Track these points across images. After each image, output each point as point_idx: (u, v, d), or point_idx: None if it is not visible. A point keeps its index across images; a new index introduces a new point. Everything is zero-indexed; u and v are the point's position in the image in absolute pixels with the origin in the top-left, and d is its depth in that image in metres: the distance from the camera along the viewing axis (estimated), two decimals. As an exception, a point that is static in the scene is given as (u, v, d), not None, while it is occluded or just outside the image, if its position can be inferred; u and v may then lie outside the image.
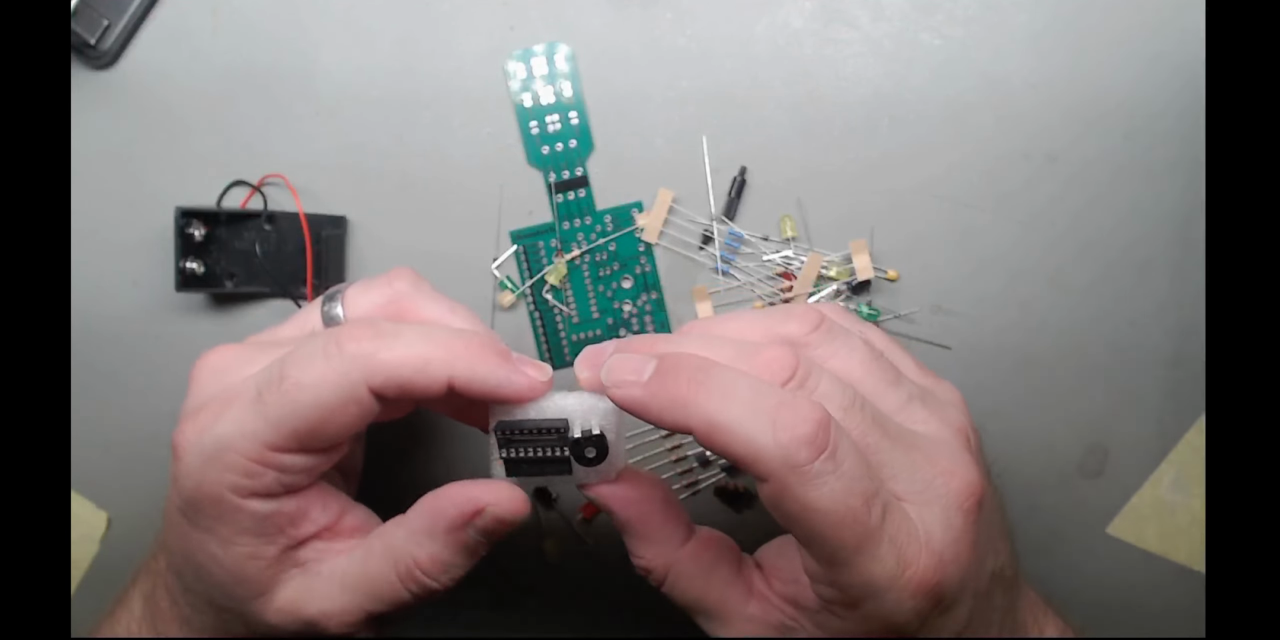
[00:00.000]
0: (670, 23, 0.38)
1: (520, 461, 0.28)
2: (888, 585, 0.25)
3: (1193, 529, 0.40)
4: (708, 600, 0.29)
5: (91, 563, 0.42)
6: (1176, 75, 0.38)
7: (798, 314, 0.28)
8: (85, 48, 0.38)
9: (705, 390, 0.25)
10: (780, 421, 0.24)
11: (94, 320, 0.40)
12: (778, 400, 0.24)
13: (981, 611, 0.28)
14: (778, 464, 0.24)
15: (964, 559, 0.26)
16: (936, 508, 0.26)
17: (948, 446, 0.27)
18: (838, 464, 0.24)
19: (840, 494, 0.24)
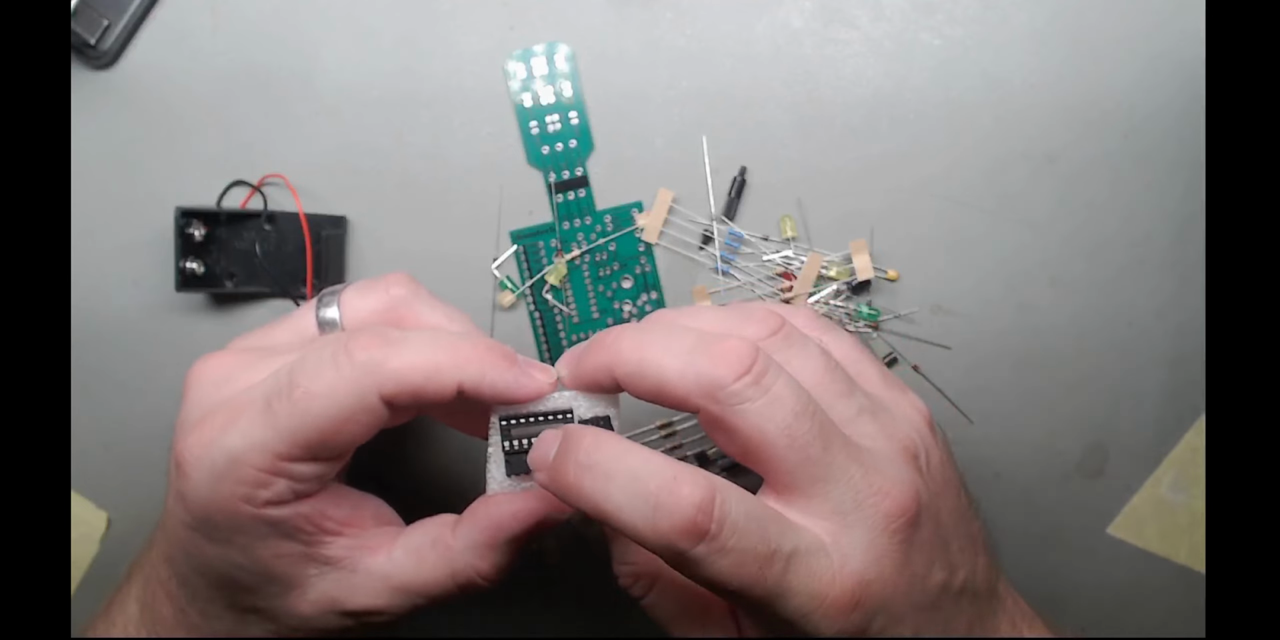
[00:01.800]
0: (670, 23, 0.38)
1: (523, 452, 0.28)
2: (803, 620, 0.25)
3: (1193, 529, 0.40)
4: (690, 613, 0.30)
5: (91, 563, 0.42)
6: (1176, 75, 0.38)
7: (758, 317, 0.28)
8: (85, 48, 0.38)
9: (589, 477, 0.25)
10: (659, 506, 0.24)
11: (94, 320, 0.40)
12: (657, 484, 0.24)
13: (936, 623, 0.28)
14: (661, 551, 0.24)
15: (889, 577, 0.26)
16: (861, 529, 0.26)
17: (890, 463, 0.27)
18: (722, 543, 0.24)
19: (730, 568, 0.24)
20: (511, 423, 0.28)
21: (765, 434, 0.25)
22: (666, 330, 0.27)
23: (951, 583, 0.28)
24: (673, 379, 0.26)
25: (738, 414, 0.25)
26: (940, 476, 0.29)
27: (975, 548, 0.30)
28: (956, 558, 0.29)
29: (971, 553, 0.30)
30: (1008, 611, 0.31)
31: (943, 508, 0.29)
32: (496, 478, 0.29)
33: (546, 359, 0.40)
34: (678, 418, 0.40)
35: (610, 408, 0.29)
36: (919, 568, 0.27)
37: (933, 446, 0.30)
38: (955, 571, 0.29)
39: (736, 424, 0.25)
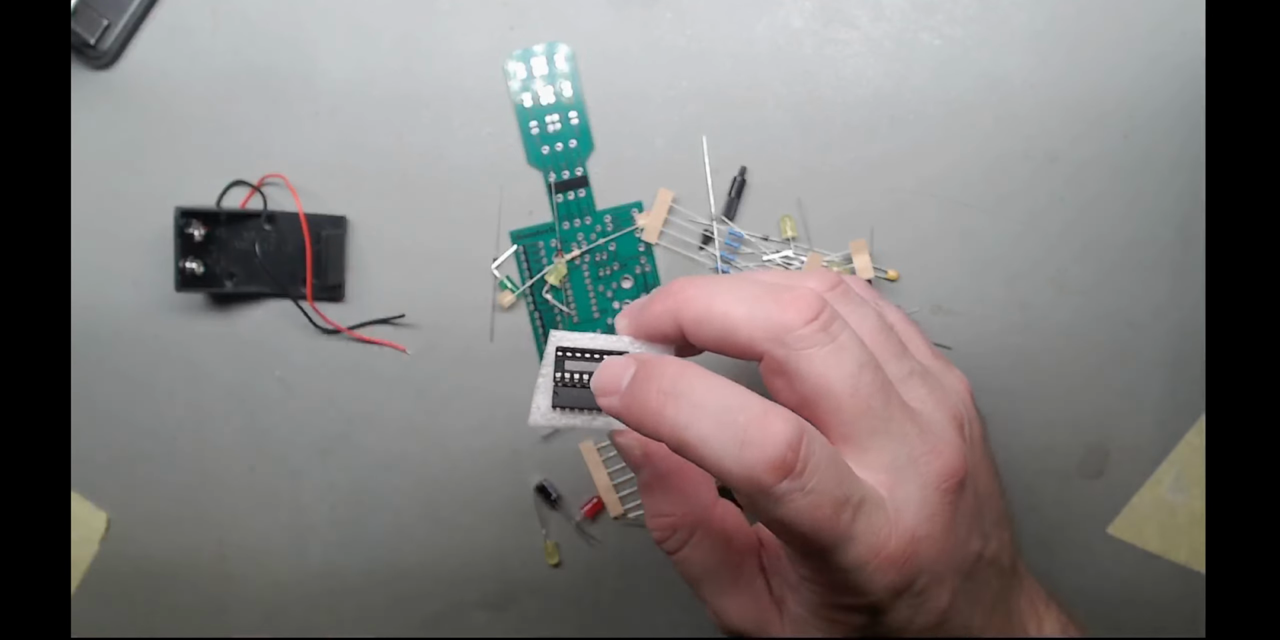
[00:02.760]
0: (670, 23, 0.38)
1: (572, 387, 0.28)
2: (858, 570, 0.25)
3: (1193, 529, 0.40)
4: (724, 567, 0.29)
5: (91, 563, 0.42)
6: (1176, 75, 0.38)
7: (816, 274, 0.29)
8: (85, 48, 0.38)
9: (674, 404, 0.24)
10: (748, 441, 0.24)
11: (94, 320, 0.40)
12: (747, 418, 0.24)
13: (969, 592, 0.28)
14: (744, 484, 0.24)
15: (938, 536, 0.26)
16: (914, 485, 0.26)
17: (939, 426, 0.27)
18: (805, 482, 0.24)
19: (808, 509, 0.24)
20: (568, 354, 0.28)
21: (830, 381, 0.25)
22: (732, 280, 0.27)
23: (985, 552, 0.29)
24: (740, 323, 0.26)
25: (804, 359, 0.25)
26: (980, 449, 0.30)
27: (1003, 523, 0.30)
28: (989, 529, 0.29)
29: (1000, 527, 0.30)
30: (1026, 590, 0.31)
31: (980, 479, 0.29)
32: (541, 408, 0.28)
33: (546, 359, 0.40)
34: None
35: None
36: (961, 532, 0.27)
37: (975, 419, 0.30)
38: (988, 542, 0.29)
39: (802, 369, 0.25)
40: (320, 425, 0.41)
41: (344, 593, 0.42)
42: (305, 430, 0.41)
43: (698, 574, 0.30)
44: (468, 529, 0.41)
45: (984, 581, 0.29)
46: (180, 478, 0.41)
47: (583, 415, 0.28)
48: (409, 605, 0.42)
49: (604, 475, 0.40)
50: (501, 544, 0.41)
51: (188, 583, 0.42)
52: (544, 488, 0.41)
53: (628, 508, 0.41)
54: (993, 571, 0.29)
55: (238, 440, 0.41)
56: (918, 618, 0.27)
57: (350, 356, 0.40)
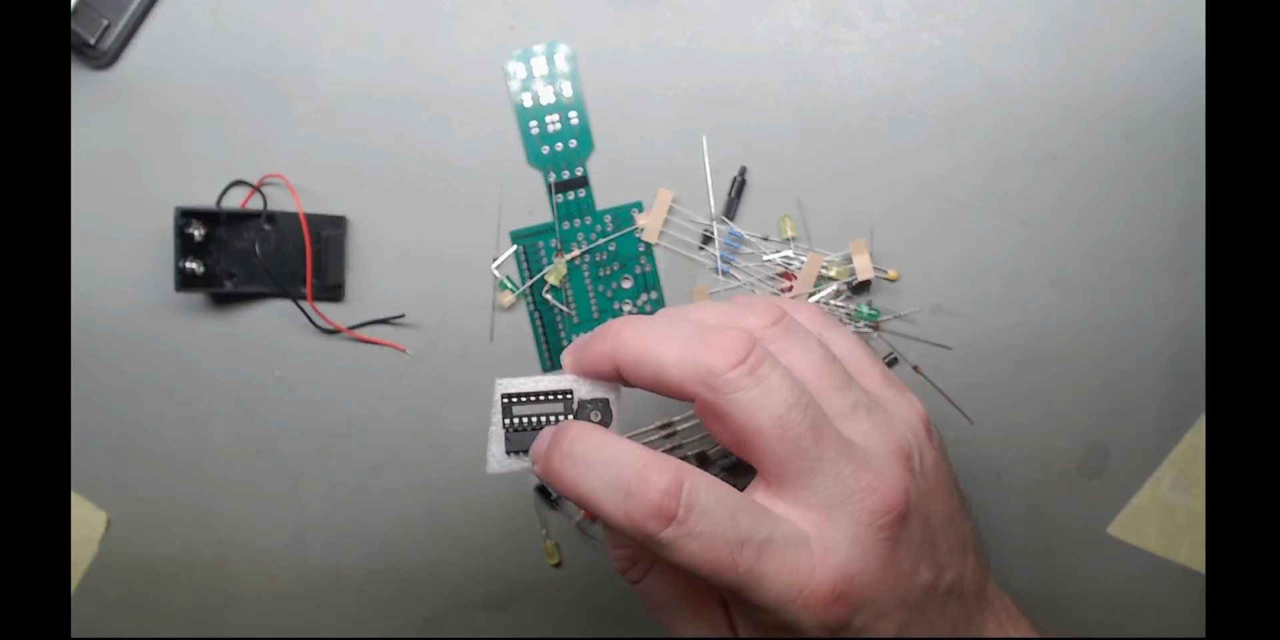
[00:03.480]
0: (670, 23, 0.38)
1: (523, 430, 0.29)
2: (783, 609, 0.25)
3: (1193, 529, 0.40)
4: (684, 601, 0.30)
5: (91, 563, 0.42)
6: (1176, 75, 0.38)
7: (759, 308, 0.29)
8: (85, 48, 0.38)
9: (570, 465, 0.26)
10: (629, 492, 0.25)
11: (94, 320, 0.40)
12: (629, 471, 0.25)
13: (921, 623, 0.28)
14: (633, 533, 0.25)
15: (873, 572, 0.26)
16: (847, 523, 0.26)
17: (881, 461, 0.27)
18: (690, 527, 0.25)
19: (700, 552, 0.25)
20: (513, 400, 0.29)
21: (757, 423, 0.26)
22: (667, 321, 0.28)
23: (939, 582, 0.28)
24: (670, 367, 0.26)
25: (731, 402, 0.26)
26: (933, 477, 0.29)
27: (965, 549, 0.30)
28: (945, 558, 0.29)
29: (960, 554, 0.30)
30: (995, 613, 0.31)
31: (933, 508, 0.29)
32: (496, 456, 0.29)
33: (546, 359, 0.40)
34: (678, 417, 0.40)
35: (610, 393, 0.29)
36: (905, 565, 0.27)
37: (927, 447, 0.30)
38: (943, 572, 0.29)
39: (730, 412, 0.26)
40: (320, 425, 0.41)
41: (344, 593, 0.42)
42: (305, 430, 0.41)
43: (658, 603, 0.30)
44: (468, 529, 0.41)
45: (940, 611, 0.29)
46: (180, 478, 0.41)
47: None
48: (409, 605, 0.42)
49: (604, 475, 0.40)
50: (501, 544, 0.41)
51: (188, 583, 0.42)
52: (544, 488, 0.41)
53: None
54: (952, 600, 0.29)
55: (238, 440, 0.41)
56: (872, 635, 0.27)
57: (350, 356, 0.40)
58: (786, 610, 0.25)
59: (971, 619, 0.30)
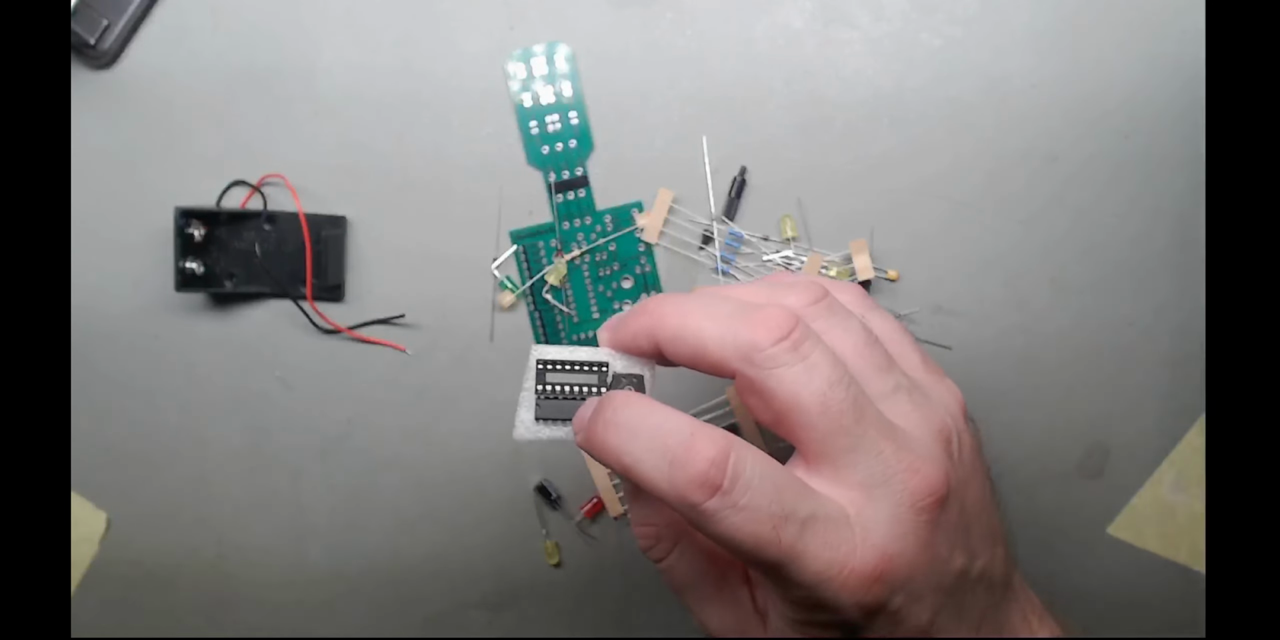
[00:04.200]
0: (670, 23, 0.38)
1: (555, 398, 0.29)
2: (821, 587, 0.25)
3: (1193, 529, 0.40)
4: (708, 578, 0.29)
5: (91, 563, 0.42)
6: (1176, 75, 0.38)
7: (800, 287, 0.29)
8: (85, 48, 0.38)
9: (615, 432, 0.26)
10: (675, 461, 0.25)
11: (94, 320, 0.40)
12: (675, 440, 0.25)
13: (953, 609, 0.28)
14: (676, 502, 0.25)
15: (913, 554, 0.26)
16: (888, 503, 0.26)
17: (921, 443, 0.27)
18: (735, 499, 0.24)
19: (744, 524, 0.24)
20: (547, 367, 0.29)
21: (799, 399, 0.25)
22: (708, 298, 0.27)
23: (971, 569, 0.28)
24: (711, 343, 0.26)
25: (773, 378, 0.26)
26: (970, 464, 0.29)
27: (995, 538, 0.30)
28: (977, 545, 0.29)
29: (991, 542, 0.30)
30: (1020, 604, 0.31)
31: (969, 495, 0.29)
32: (525, 421, 0.29)
33: (546, 359, 0.40)
34: (678, 418, 0.40)
35: (645, 369, 0.29)
36: (942, 550, 0.27)
37: (965, 433, 0.29)
38: (975, 558, 0.29)
39: (771, 388, 0.26)
40: (320, 425, 0.41)
41: (344, 593, 0.42)
42: (305, 430, 0.41)
43: (682, 583, 0.30)
44: (468, 529, 0.41)
45: (971, 598, 0.29)
46: (180, 478, 0.41)
47: (565, 427, 0.29)
48: (409, 605, 0.42)
49: (604, 475, 0.40)
50: (501, 544, 0.41)
51: (188, 583, 0.42)
52: (544, 488, 0.41)
53: (627, 508, 0.40)
54: (981, 587, 0.29)
55: (238, 440, 0.41)
56: (898, 632, 0.27)
57: (350, 356, 0.40)
58: (826, 588, 0.25)
59: (999, 608, 0.30)
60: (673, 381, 0.40)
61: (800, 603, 0.26)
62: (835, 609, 0.25)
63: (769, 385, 0.26)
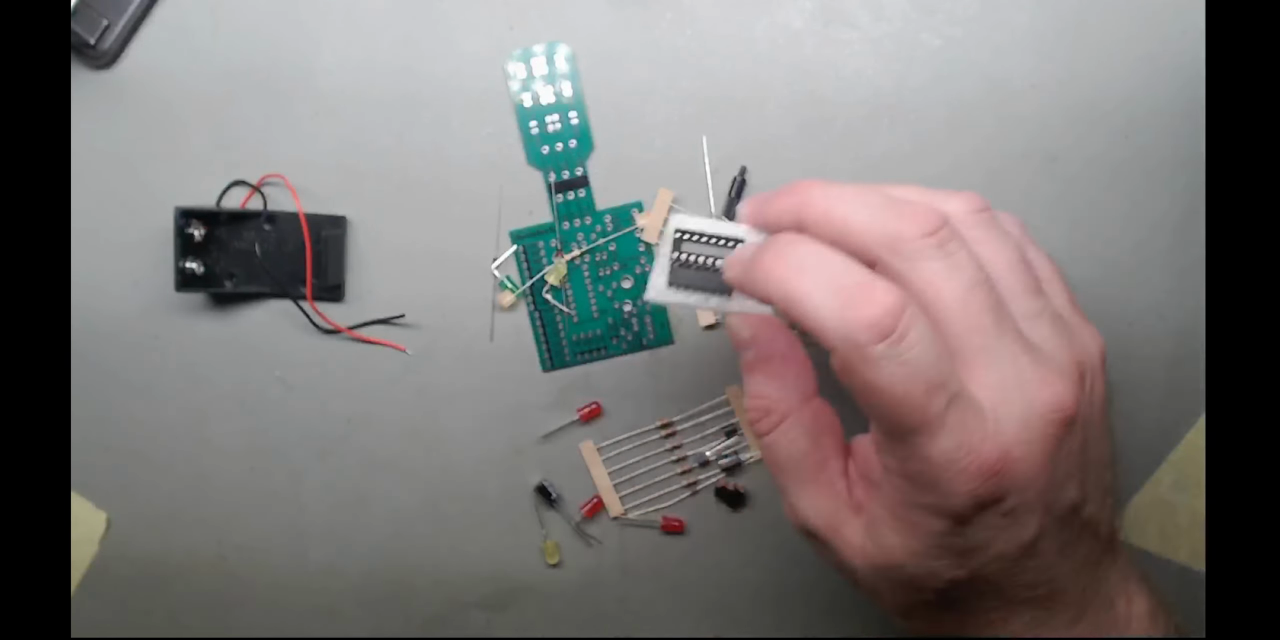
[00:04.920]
0: (670, 23, 0.38)
1: (689, 267, 0.29)
2: (944, 467, 0.25)
3: (1193, 529, 0.40)
4: (809, 459, 0.29)
5: (91, 563, 0.42)
6: (1176, 75, 0.38)
7: (964, 196, 0.28)
8: (85, 48, 0.38)
9: (785, 264, 0.26)
10: (850, 302, 0.24)
11: (94, 320, 0.40)
12: (854, 282, 0.25)
13: (1059, 540, 0.27)
14: (841, 342, 0.24)
15: (1036, 461, 0.26)
16: (1019, 408, 0.26)
17: (1058, 363, 0.27)
18: (901, 351, 0.24)
19: (900, 379, 0.24)
20: (685, 236, 0.29)
21: (940, 293, 0.25)
22: (859, 187, 0.27)
23: (1082, 507, 0.28)
24: (857, 227, 0.26)
25: (916, 270, 0.25)
26: (1099, 408, 0.29)
27: (1108, 492, 0.30)
28: (1091, 489, 0.28)
29: (1103, 494, 0.29)
30: (1120, 566, 0.30)
31: (1091, 437, 0.28)
32: (658, 286, 0.30)
33: (546, 359, 0.40)
34: (678, 417, 0.40)
35: None
36: (1059, 473, 0.27)
37: (1099, 378, 0.29)
38: (1088, 500, 0.28)
39: (913, 279, 0.25)
40: (320, 425, 0.41)
41: (343, 592, 0.42)
42: (305, 430, 0.41)
43: (782, 461, 0.30)
44: (467, 529, 0.41)
45: (1077, 539, 0.28)
46: (180, 478, 0.41)
47: (696, 294, 0.30)
48: (409, 605, 0.42)
49: (604, 475, 0.40)
50: (501, 544, 0.41)
51: (188, 583, 0.42)
52: (544, 488, 0.41)
53: (628, 507, 0.41)
54: (1088, 534, 0.29)
55: (238, 440, 0.41)
56: (999, 542, 0.26)
57: (350, 356, 0.40)
58: (947, 469, 0.25)
59: (1100, 564, 0.29)
60: (673, 380, 0.40)
61: (914, 478, 0.26)
62: (948, 493, 0.25)
63: (910, 276, 0.25)
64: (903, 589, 0.28)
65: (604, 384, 0.40)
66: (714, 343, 0.40)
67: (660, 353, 0.40)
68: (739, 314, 0.30)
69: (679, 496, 0.40)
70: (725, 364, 0.40)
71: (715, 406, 0.40)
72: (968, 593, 0.27)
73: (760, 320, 0.30)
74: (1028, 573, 0.27)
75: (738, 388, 0.40)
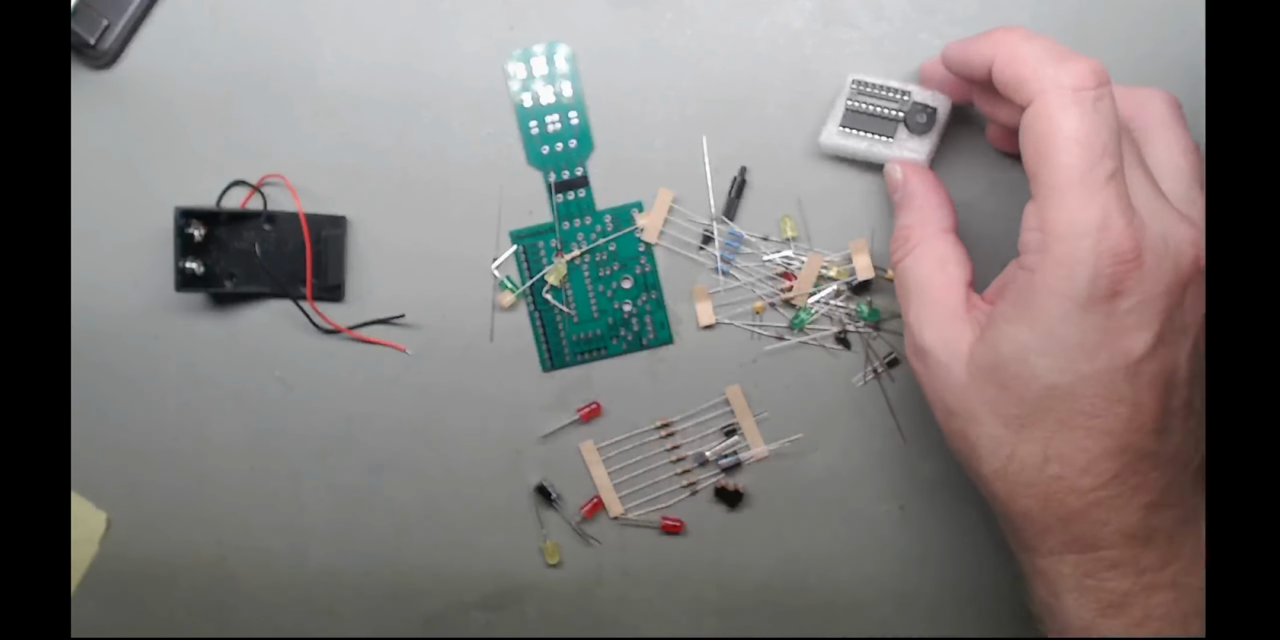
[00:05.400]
0: (670, 23, 0.38)
1: (860, 114, 0.36)
2: (1083, 234, 0.27)
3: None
4: (934, 281, 0.33)
5: (91, 563, 0.42)
6: (1177, 75, 0.38)
7: (1163, 93, 0.33)
8: (85, 48, 0.38)
9: (1009, 32, 0.30)
10: (1065, 56, 0.28)
11: (94, 320, 0.40)
12: (1067, 49, 0.29)
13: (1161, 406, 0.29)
14: (1049, 82, 0.28)
15: (1162, 275, 0.28)
16: (1159, 228, 0.28)
17: (1196, 224, 0.29)
18: (1096, 107, 0.28)
19: (1089, 125, 0.27)
20: (860, 87, 0.36)
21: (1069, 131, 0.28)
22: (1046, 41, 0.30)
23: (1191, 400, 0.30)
24: (1036, 63, 0.29)
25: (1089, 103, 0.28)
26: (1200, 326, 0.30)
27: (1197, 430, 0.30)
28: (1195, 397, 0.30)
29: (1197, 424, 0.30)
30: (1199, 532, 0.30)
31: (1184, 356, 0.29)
32: (830, 130, 0.36)
33: (546, 359, 0.40)
34: (678, 417, 0.40)
35: (941, 103, 0.35)
36: (1177, 318, 0.29)
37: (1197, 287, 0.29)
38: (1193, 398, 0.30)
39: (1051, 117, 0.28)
40: (320, 425, 0.41)
41: (343, 592, 0.42)
42: (305, 430, 0.41)
43: (910, 284, 0.33)
44: (467, 529, 0.41)
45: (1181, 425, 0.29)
46: (180, 478, 0.41)
47: (865, 140, 0.36)
48: (409, 605, 0.42)
49: (604, 475, 0.40)
50: (501, 544, 0.41)
51: (188, 583, 0.42)
52: (544, 488, 0.41)
53: (628, 507, 0.41)
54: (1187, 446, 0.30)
55: (238, 440, 0.41)
56: (1108, 348, 0.28)
57: (350, 356, 0.40)
58: (1087, 237, 0.27)
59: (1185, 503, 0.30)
60: (673, 380, 0.40)
61: (1054, 246, 0.28)
62: (1079, 265, 0.27)
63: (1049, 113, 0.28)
64: (999, 400, 0.29)
65: (604, 384, 0.40)
66: (714, 343, 0.40)
67: (660, 353, 0.40)
68: (896, 160, 0.36)
69: (678, 496, 0.41)
70: (725, 364, 0.40)
71: (715, 406, 0.40)
72: (1062, 412, 0.29)
73: (911, 166, 0.35)
74: (1126, 406, 0.28)
75: (737, 388, 0.40)
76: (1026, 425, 0.29)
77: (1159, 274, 0.28)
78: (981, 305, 0.32)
